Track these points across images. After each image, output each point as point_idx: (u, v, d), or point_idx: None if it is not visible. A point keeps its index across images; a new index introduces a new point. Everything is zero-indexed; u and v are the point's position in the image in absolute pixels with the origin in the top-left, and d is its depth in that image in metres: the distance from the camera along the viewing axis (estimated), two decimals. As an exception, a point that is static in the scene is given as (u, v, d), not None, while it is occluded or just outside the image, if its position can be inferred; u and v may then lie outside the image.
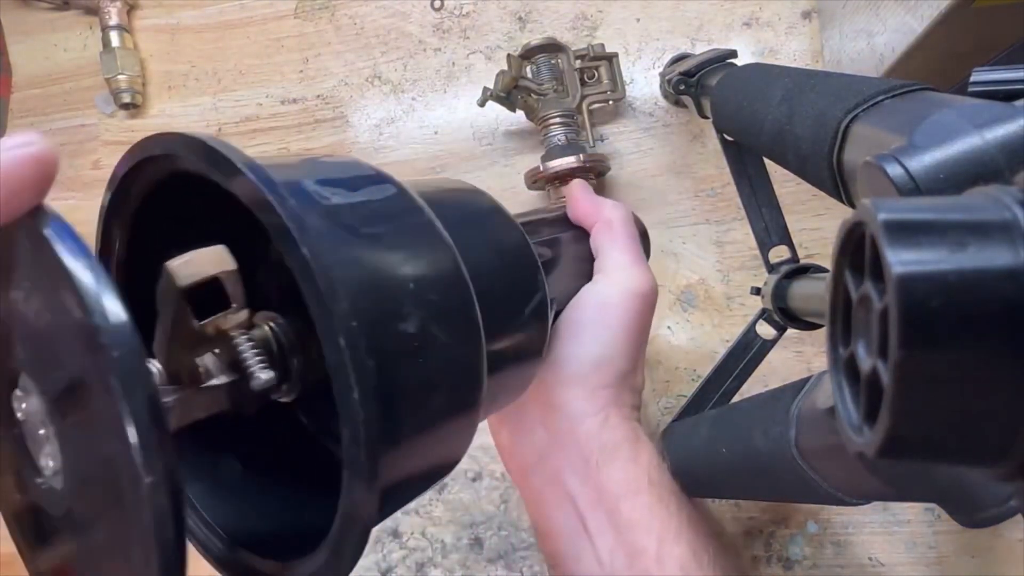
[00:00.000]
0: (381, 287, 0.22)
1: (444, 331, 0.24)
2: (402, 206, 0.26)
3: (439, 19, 0.68)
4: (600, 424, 0.38)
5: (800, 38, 0.61)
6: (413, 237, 0.25)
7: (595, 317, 0.39)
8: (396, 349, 0.22)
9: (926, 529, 0.56)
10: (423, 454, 0.24)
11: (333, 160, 0.27)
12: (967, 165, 0.20)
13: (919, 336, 0.14)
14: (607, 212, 0.43)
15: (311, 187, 0.23)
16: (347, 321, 0.20)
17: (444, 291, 0.25)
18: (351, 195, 0.24)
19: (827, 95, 0.30)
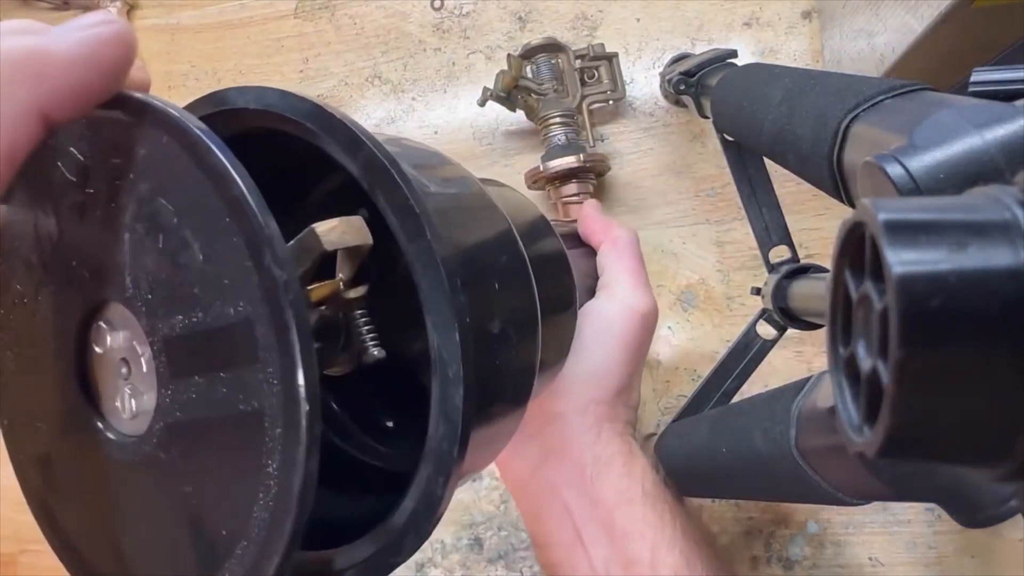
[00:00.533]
0: (478, 284, 0.23)
1: (515, 329, 0.25)
2: (486, 207, 0.27)
3: (439, 19, 0.68)
4: (594, 438, 0.39)
5: (800, 38, 0.61)
6: (498, 241, 0.26)
7: (597, 335, 0.40)
8: (486, 343, 0.23)
9: (926, 529, 0.56)
10: (487, 449, 0.25)
11: (416, 144, 0.27)
12: (967, 165, 0.20)
13: (919, 336, 0.14)
14: (615, 232, 0.45)
15: (411, 172, 0.23)
16: (462, 314, 0.20)
17: (519, 297, 0.26)
18: (444, 186, 0.25)
19: (827, 95, 0.30)
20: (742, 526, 0.59)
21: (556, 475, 0.38)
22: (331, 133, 0.22)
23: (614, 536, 0.37)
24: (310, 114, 0.22)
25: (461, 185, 0.27)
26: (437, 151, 0.28)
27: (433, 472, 0.21)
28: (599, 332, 0.40)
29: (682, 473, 0.44)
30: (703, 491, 0.47)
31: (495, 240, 0.26)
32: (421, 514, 0.21)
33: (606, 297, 0.42)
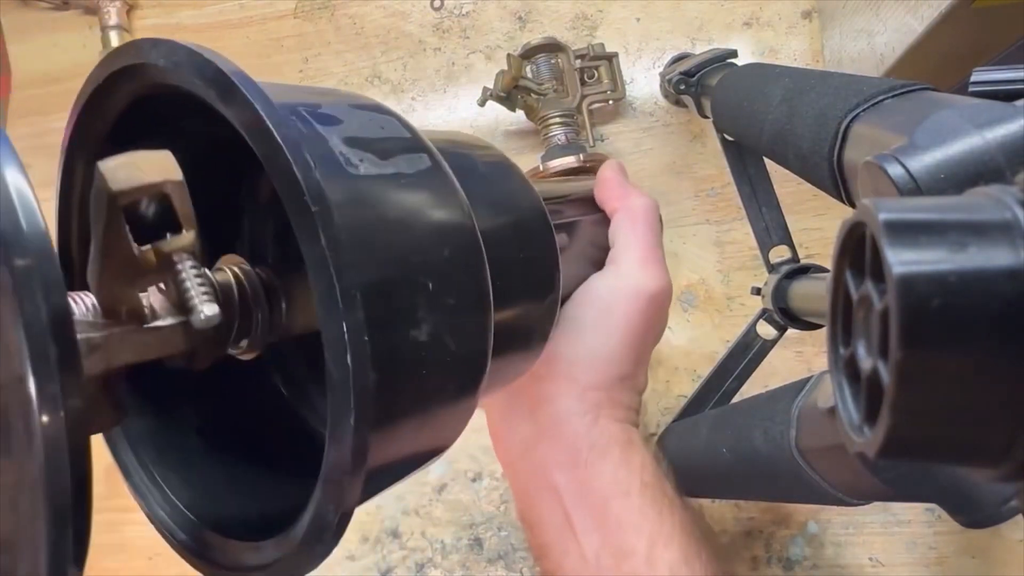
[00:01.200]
0: (397, 289, 0.21)
1: (454, 338, 0.22)
2: (434, 186, 0.24)
3: (439, 19, 0.68)
4: (589, 424, 0.37)
5: (800, 38, 0.61)
6: (440, 232, 0.23)
7: (597, 316, 0.38)
8: (400, 355, 0.20)
9: (926, 529, 0.56)
10: (412, 437, 0.23)
11: (367, 111, 0.24)
12: (967, 165, 0.20)
13: (919, 336, 0.14)
14: (632, 200, 0.41)
15: (339, 148, 0.21)
16: (357, 337, 0.18)
17: (463, 294, 0.23)
18: (381, 165, 0.22)
19: (827, 95, 0.30)
20: (742, 526, 0.59)
21: (548, 457, 0.37)
22: (228, 100, 0.19)
23: (608, 526, 0.35)
24: (211, 77, 0.19)
25: (411, 162, 0.23)
26: (393, 116, 0.25)
27: (323, 499, 0.19)
28: (600, 313, 0.38)
29: (682, 473, 0.44)
30: (703, 491, 0.47)
31: (436, 231, 0.23)
32: (314, 537, 0.20)
33: (612, 274, 0.39)
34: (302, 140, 0.19)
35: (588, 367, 0.37)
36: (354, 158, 0.21)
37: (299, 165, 0.18)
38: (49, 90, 0.75)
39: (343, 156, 0.21)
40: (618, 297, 0.38)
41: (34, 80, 0.76)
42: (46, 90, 0.75)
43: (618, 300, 0.38)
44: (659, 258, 0.40)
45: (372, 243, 0.20)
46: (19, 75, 0.76)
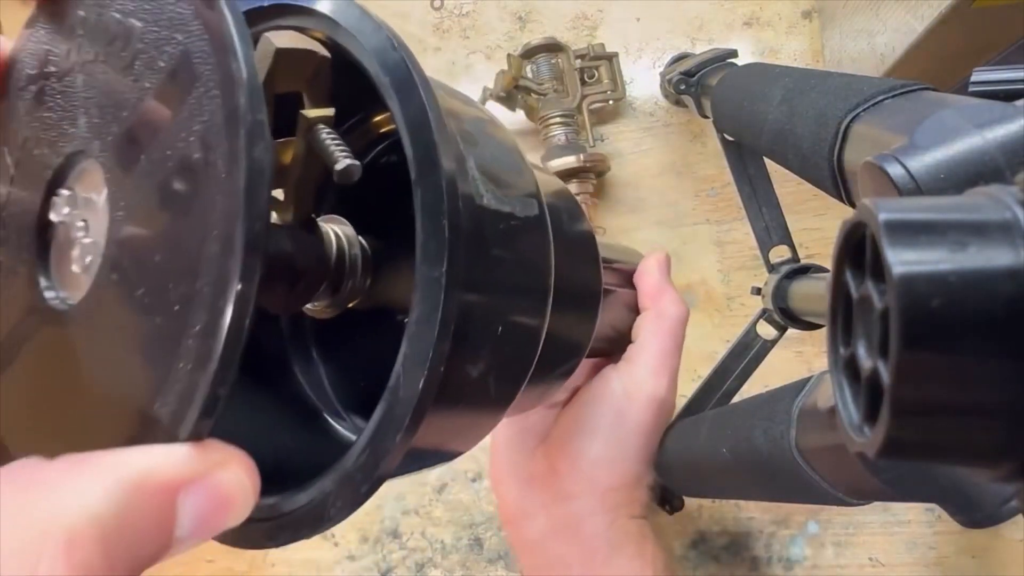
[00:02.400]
0: (477, 324, 0.22)
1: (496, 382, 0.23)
2: (535, 239, 0.25)
3: (439, 19, 0.68)
4: (608, 523, 0.39)
5: (800, 38, 0.61)
6: (524, 285, 0.24)
7: (614, 420, 0.39)
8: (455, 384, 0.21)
9: (926, 529, 0.56)
10: (451, 430, 0.24)
11: (497, 138, 0.25)
12: (968, 165, 0.20)
13: (919, 336, 0.14)
14: (665, 305, 0.42)
15: (473, 172, 0.22)
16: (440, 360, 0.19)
17: (519, 344, 0.24)
18: (501, 200, 0.23)
19: (827, 95, 0.30)
20: (742, 526, 0.59)
21: (566, 553, 0.39)
22: (403, 96, 0.20)
23: None
24: (392, 67, 0.20)
25: (524, 206, 0.24)
26: (520, 157, 0.26)
27: (373, 437, 0.20)
28: (616, 416, 0.39)
29: (682, 473, 0.44)
30: (703, 491, 0.47)
31: (522, 283, 0.24)
32: (355, 479, 0.20)
33: (627, 375, 0.40)
34: (455, 159, 0.20)
35: (608, 469, 0.39)
36: (482, 187, 0.22)
37: (449, 191, 0.19)
38: (49, 90, 0.75)
39: (475, 182, 0.22)
40: (632, 403, 0.40)
41: (34, 80, 0.76)
42: (46, 90, 0.75)
43: (632, 406, 0.40)
44: (673, 369, 0.41)
45: (475, 277, 0.21)
46: (19, 75, 0.76)
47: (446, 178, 0.19)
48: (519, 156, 0.26)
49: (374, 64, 0.21)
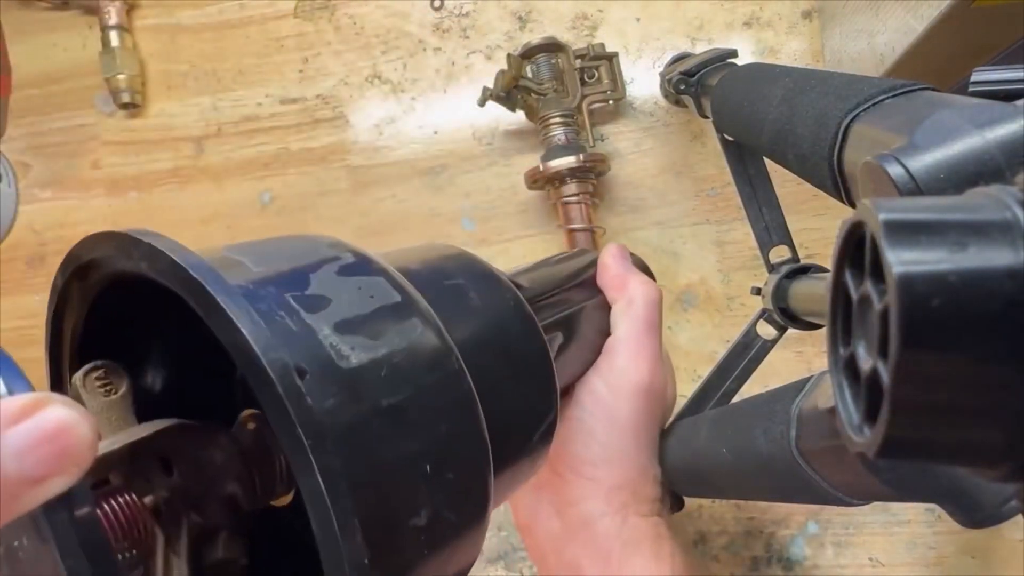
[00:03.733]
0: (397, 489, 0.20)
1: (455, 510, 0.22)
2: (428, 354, 0.23)
3: (439, 19, 0.68)
4: (619, 523, 0.38)
5: (800, 38, 0.61)
6: (437, 406, 0.22)
7: (604, 418, 0.38)
8: (403, 548, 0.20)
9: (926, 529, 0.56)
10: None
11: (354, 276, 0.23)
12: (967, 165, 0.20)
13: (919, 336, 0.14)
14: (631, 290, 0.41)
15: (329, 340, 0.20)
16: (359, 557, 0.18)
17: (461, 466, 0.22)
18: (373, 347, 0.21)
19: (827, 95, 0.30)
20: (742, 526, 0.59)
21: (580, 557, 0.38)
22: (211, 316, 0.18)
23: None
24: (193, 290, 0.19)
25: (403, 334, 0.22)
26: (382, 277, 0.24)
27: None
28: (605, 414, 0.38)
29: (682, 473, 0.44)
30: (703, 491, 0.47)
31: (433, 407, 0.22)
32: None
33: (608, 370, 0.39)
34: (290, 353, 0.18)
35: (608, 469, 0.38)
36: (345, 348, 0.20)
37: (290, 398, 0.18)
38: (49, 90, 0.75)
39: (334, 349, 0.20)
40: (618, 396, 0.38)
41: (34, 80, 0.76)
42: (46, 90, 0.75)
43: (618, 399, 0.38)
44: (652, 350, 0.40)
45: (370, 450, 0.19)
46: (20, 75, 0.76)
47: (284, 390, 0.18)
48: (384, 281, 0.24)
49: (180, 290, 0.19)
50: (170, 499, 0.22)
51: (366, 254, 0.24)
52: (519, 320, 0.30)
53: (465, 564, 0.24)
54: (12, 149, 0.76)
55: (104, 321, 0.24)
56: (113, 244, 0.21)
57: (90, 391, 0.22)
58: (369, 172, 0.68)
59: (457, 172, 0.67)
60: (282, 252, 0.23)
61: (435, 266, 0.30)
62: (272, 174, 0.70)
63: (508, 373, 0.28)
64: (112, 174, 0.73)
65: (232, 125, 0.71)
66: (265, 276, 0.21)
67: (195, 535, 0.22)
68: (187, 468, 0.22)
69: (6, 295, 0.73)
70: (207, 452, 0.23)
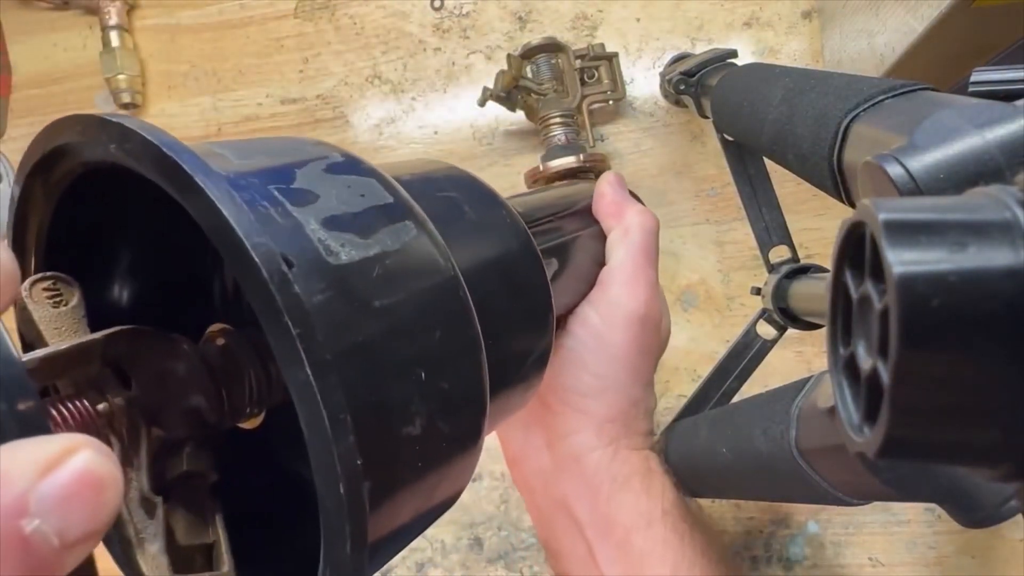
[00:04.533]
0: (389, 393, 0.19)
1: (449, 422, 0.21)
2: (422, 258, 0.22)
3: (439, 19, 0.68)
4: (609, 457, 0.37)
5: (800, 38, 0.61)
6: (432, 312, 0.21)
7: (596, 347, 0.37)
8: (396, 456, 0.19)
9: (926, 529, 0.56)
10: (418, 514, 0.22)
11: (344, 175, 0.22)
12: (967, 165, 0.20)
13: (919, 336, 0.14)
14: (627, 218, 0.40)
15: (317, 234, 0.19)
16: (351, 458, 0.17)
17: (456, 376, 0.21)
18: (364, 245, 0.20)
19: (827, 95, 0.30)
20: (742, 526, 0.59)
21: (569, 491, 0.37)
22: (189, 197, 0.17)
23: (631, 558, 0.35)
24: (170, 172, 0.17)
25: (396, 234, 0.21)
26: (372, 177, 0.23)
27: (329, 544, 0.18)
28: (597, 343, 0.37)
29: (682, 473, 0.44)
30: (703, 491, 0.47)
31: (428, 312, 0.21)
32: None
33: (601, 299, 0.38)
34: (276, 243, 0.17)
35: (599, 399, 0.37)
36: (335, 243, 0.19)
37: (276, 284, 0.17)
38: (49, 90, 0.75)
39: (322, 244, 0.19)
40: (611, 325, 0.37)
41: (34, 80, 0.76)
42: (46, 90, 0.75)
43: (611, 329, 0.37)
44: (647, 279, 0.38)
45: (361, 348, 0.19)
46: (20, 75, 0.76)
47: (268, 275, 0.16)
48: (376, 182, 0.23)
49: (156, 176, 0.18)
50: (127, 409, 0.21)
51: (356, 156, 0.24)
52: (515, 239, 0.29)
53: (454, 489, 0.23)
54: (12, 149, 0.76)
55: (70, 226, 0.23)
56: (79, 128, 0.19)
57: (37, 301, 0.21)
58: (369, 172, 0.68)
59: (457, 172, 0.67)
60: (266, 148, 0.22)
61: (428, 177, 0.29)
62: (272, 174, 0.70)
63: (503, 291, 0.27)
64: (112, 174, 0.73)
65: (232, 125, 0.71)
66: (248, 168, 0.20)
67: (156, 448, 0.22)
68: (145, 377, 0.21)
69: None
70: (167, 362, 0.22)
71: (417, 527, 0.22)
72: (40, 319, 0.21)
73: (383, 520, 0.19)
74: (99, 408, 0.20)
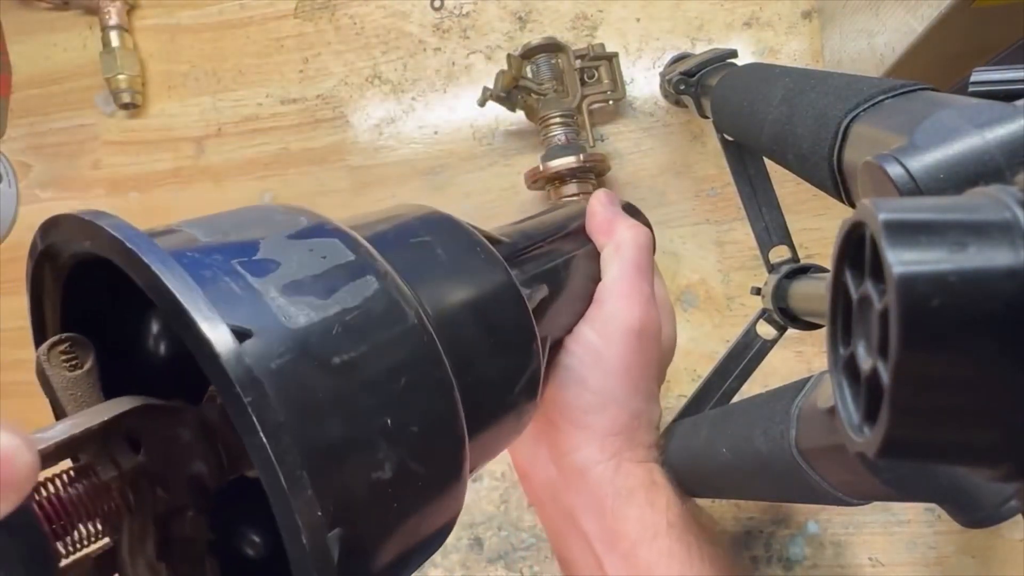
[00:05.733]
0: (353, 443, 0.20)
1: (422, 462, 0.22)
2: (383, 311, 0.22)
3: (439, 19, 0.68)
4: (613, 470, 0.37)
5: (800, 38, 0.61)
6: (394, 362, 0.22)
7: (593, 363, 0.37)
8: (366, 501, 0.20)
9: (926, 529, 0.56)
10: (402, 553, 0.22)
11: (307, 239, 0.23)
12: (967, 165, 0.20)
13: (919, 336, 0.14)
14: (620, 234, 0.40)
15: (276, 302, 0.20)
16: (310, 510, 0.18)
17: (426, 417, 0.22)
18: (323, 306, 0.21)
19: (827, 95, 0.30)
20: (742, 526, 0.59)
21: (575, 504, 0.38)
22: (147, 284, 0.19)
23: (638, 569, 0.36)
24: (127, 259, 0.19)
25: (356, 291, 0.22)
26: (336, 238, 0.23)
27: None
28: (594, 359, 0.37)
29: (682, 473, 0.44)
30: (703, 491, 0.47)
31: (390, 362, 0.22)
32: None
33: (597, 316, 0.38)
34: (233, 315, 0.19)
35: (600, 415, 0.37)
36: (294, 308, 0.20)
37: (224, 356, 0.18)
38: (49, 90, 0.75)
39: (281, 310, 0.20)
40: (607, 341, 0.37)
41: (34, 80, 0.76)
42: (46, 90, 0.75)
43: (609, 344, 0.37)
44: (642, 292, 0.39)
45: (318, 406, 0.19)
46: (20, 75, 0.76)
47: (217, 347, 0.18)
48: (339, 242, 0.23)
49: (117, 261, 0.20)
50: (136, 478, 0.22)
51: (323, 218, 0.25)
52: (490, 272, 0.30)
53: (446, 518, 0.24)
54: (12, 149, 0.76)
55: (84, 298, 0.24)
56: (64, 227, 0.21)
57: (54, 365, 0.23)
58: (369, 172, 0.68)
59: (457, 172, 0.67)
60: (236, 222, 0.23)
61: (402, 225, 0.30)
62: (272, 174, 0.70)
63: (478, 328, 0.28)
64: (112, 174, 0.73)
65: (233, 125, 0.71)
66: (212, 244, 0.21)
67: (161, 512, 0.23)
68: (153, 447, 0.22)
69: (7, 295, 0.73)
70: (173, 431, 0.23)
71: (412, 561, 0.23)
72: (57, 385, 0.22)
73: (364, 562, 0.20)
74: (113, 476, 0.21)
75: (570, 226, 0.41)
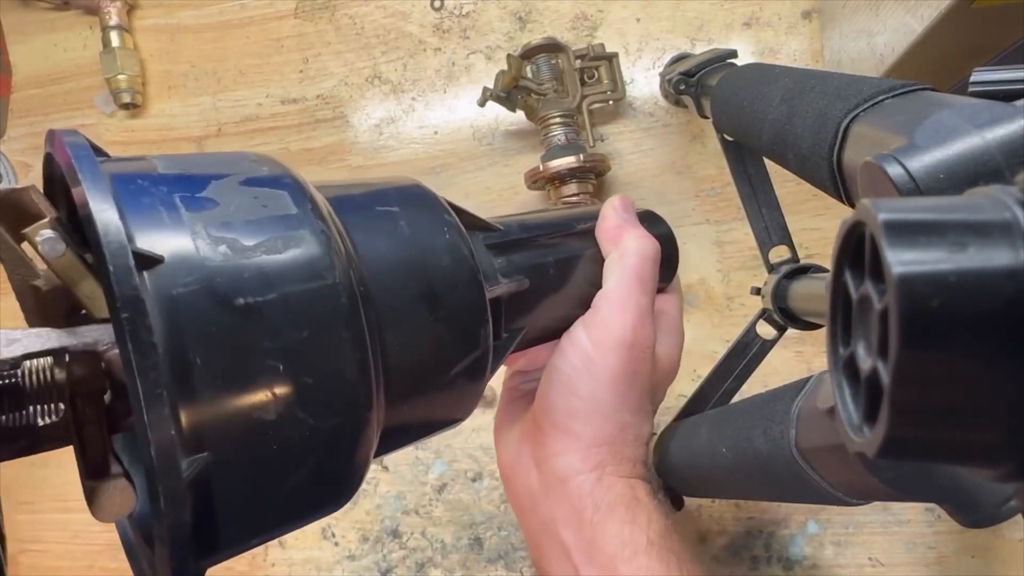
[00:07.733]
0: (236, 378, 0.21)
1: (311, 414, 0.23)
2: (306, 263, 0.24)
3: (439, 19, 0.68)
4: (593, 482, 0.37)
5: (800, 38, 0.61)
6: (303, 308, 0.23)
7: (582, 368, 0.37)
8: (239, 440, 0.21)
9: (926, 529, 0.56)
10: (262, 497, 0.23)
11: (258, 187, 0.24)
12: (967, 165, 0.20)
13: (919, 336, 0.14)
14: (626, 242, 0.39)
15: (199, 238, 0.22)
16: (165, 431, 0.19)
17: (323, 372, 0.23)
18: (245, 249, 0.22)
19: (827, 95, 0.30)
20: (742, 526, 0.59)
21: (554, 513, 0.37)
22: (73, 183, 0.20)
23: None
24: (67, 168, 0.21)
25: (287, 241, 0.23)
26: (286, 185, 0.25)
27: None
28: (584, 364, 0.37)
29: (682, 473, 0.44)
30: (703, 491, 0.47)
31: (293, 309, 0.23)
32: None
33: (591, 322, 0.38)
34: (151, 241, 0.20)
35: (586, 422, 0.37)
36: (212, 245, 0.22)
37: (116, 273, 0.19)
38: (49, 90, 0.75)
39: (200, 245, 0.21)
40: (599, 349, 0.37)
41: (35, 80, 0.76)
42: (46, 90, 0.75)
43: (600, 352, 0.37)
44: (637, 305, 0.38)
45: (208, 337, 0.21)
46: (20, 75, 0.77)
47: (113, 263, 0.19)
48: (287, 195, 0.24)
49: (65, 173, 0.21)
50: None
51: (285, 172, 0.26)
52: (449, 252, 0.31)
53: (338, 477, 0.25)
54: (12, 149, 0.76)
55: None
56: (49, 140, 0.23)
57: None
58: (369, 172, 0.68)
59: (457, 172, 0.67)
60: (205, 162, 0.25)
61: (376, 192, 0.31)
62: (272, 174, 0.70)
63: (422, 301, 0.29)
64: (112, 174, 0.73)
65: (233, 125, 0.71)
66: (165, 175, 0.23)
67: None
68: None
69: (6, 295, 0.73)
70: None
71: (291, 512, 0.24)
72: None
73: (232, 495, 0.21)
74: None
75: (578, 227, 0.41)
